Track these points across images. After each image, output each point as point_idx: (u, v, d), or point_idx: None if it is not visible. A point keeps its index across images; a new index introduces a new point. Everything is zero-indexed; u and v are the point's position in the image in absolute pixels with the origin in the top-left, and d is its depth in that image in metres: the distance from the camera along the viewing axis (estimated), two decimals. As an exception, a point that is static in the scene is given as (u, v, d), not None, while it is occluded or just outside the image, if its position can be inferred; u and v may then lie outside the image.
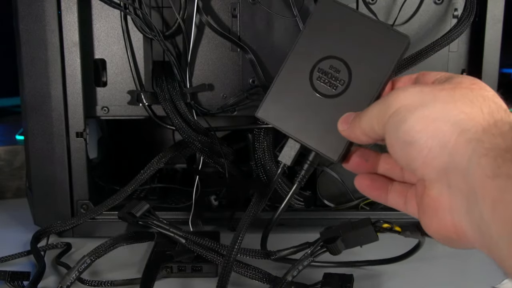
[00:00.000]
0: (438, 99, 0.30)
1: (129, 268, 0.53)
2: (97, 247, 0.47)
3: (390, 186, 0.39)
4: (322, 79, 0.39)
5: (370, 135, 0.34)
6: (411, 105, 0.30)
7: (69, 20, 0.55)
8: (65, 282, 0.44)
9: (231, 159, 0.60)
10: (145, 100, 0.58)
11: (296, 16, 0.54)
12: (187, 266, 0.50)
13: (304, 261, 0.45)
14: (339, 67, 0.39)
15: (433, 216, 0.31)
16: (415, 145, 0.30)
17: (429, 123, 0.29)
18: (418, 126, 0.30)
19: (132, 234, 0.51)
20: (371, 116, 0.34)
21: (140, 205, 0.50)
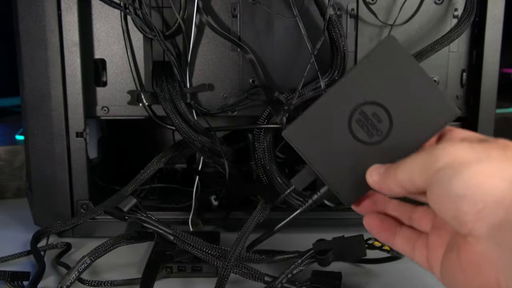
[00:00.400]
0: (492, 157, 0.30)
1: (129, 268, 0.53)
2: (97, 247, 0.47)
3: (398, 229, 0.39)
4: (361, 122, 0.38)
5: (406, 187, 0.34)
6: (465, 160, 0.30)
7: (69, 20, 0.55)
8: (65, 282, 0.44)
9: (231, 159, 0.60)
10: (145, 100, 0.58)
11: (296, 16, 0.54)
12: (187, 266, 0.50)
13: (294, 270, 0.45)
14: (382, 117, 0.38)
15: (475, 273, 0.31)
16: (468, 199, 0.29)
17: (486, 178, 0.29)
18: (474, 180, 0.29)
19: (133, 234, 0.51)
20: (412, 168, 0.33)
21: (127, 200, 0.48)
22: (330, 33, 0.53)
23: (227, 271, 0.44)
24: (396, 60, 0.38)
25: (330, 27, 0.53)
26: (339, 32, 0.53)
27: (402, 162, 0.34)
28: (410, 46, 0.58)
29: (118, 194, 0.48)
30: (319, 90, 0.55)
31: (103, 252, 0.47)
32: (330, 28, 0.53)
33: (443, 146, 0.32)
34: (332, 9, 0.52)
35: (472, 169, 0.30)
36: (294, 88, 0.56)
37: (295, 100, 0.56)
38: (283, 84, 0.58)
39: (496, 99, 0.59)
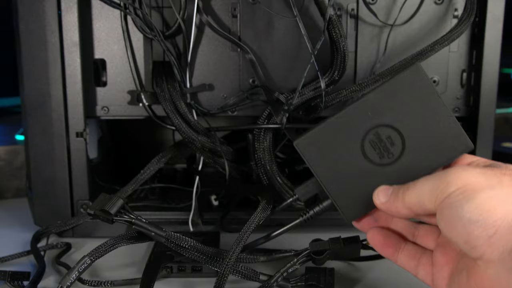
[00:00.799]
0: (503, 183, 0.31)
1: (129, 268, 0.53)
2: (97, 247, 0.47)
3: (403, 245, 0.40)
4: (374, 143, 0.39)
5: (415, 210, 0.34)
6: (477, 185, 0.31)
7: (69, 20, 0.55)
8: (65, 282, 0.44)
9: (231, 159, 0.60)
10: (145, 100, 0.58)
11: (296, 16, 0.54)
12: (187, 266, 0.50)
13: (289, 268, 0.46)
14: (395, 141, 0.38)
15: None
16: (481, 224, 0.30)
17: (498, 204, 0.30)
18: (486, 206, 0.30)
19: (133, 234, 0.50)
20: (422, 192, 0.34)
21: (113, 200, 0.44)
22: (330, 33, 0.53)
23: (226, 271, 0.44)
24: (419, 88, 0.38)
25: (330, 27, 0.53)
26: (339, 32, 0.53)
27: (411, 185, 0.35)
28: (410, 46, 0.58)
29: (103, 195, 0.45)
30: (319, 90, 0.55)
31: (103, 252, 0.47)
32: (330, 28, 0.53)
33: (454, 171, 0.32)
34: (332, 9, 0.52)
35: (484, 194, 0.30)
36: (294, 88, 0.56)
37: (295, 100, 0.56)
38: (283, 84, 0.59)
39: (496, 99, 0.59)
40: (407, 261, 0.39)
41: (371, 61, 0.59)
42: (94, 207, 0.45)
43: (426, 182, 0.34)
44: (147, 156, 0.60)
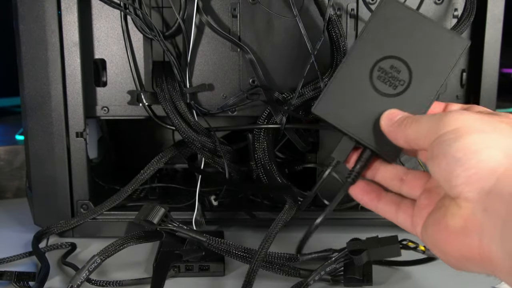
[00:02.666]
0: (497, 130, 0.31)
1: (135, 268, 0.53)
2: (107, 246, 0.47)
3: (383, 194, 0.41)
4: (382, 78, 0.40)
5: (411, 144, 0.36)
6: (471, 128, 0.31)
7: (69, 20, 0.55)
8: (75, 281, 0.44)
9: (231, 159, 0.60)
10: (145, 100, 0.58)
11: (296, 16, 0.54)
12: (195, 265, 0.50)
13: (327, 267, 0.46)
14: (399, 68, 0.40)
15: (458, 237, 0.32)
16: (464, 163, 0.31)
17: (484, 148, 0.30)
18: (473, 147, 0.31)
19: (141, 233, 0.50)
20: (420, 129, 0.35)
21: (155, 210, 0.48)
22: (330, 33, 0.53)
23: (255, 266, 0.45)
24: (397, 15, 0.40)
25: (330, 27, 0.53)
26: (339, 32, 0.53)
27: (414, 120, 0.36)
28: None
29: (146, 205, 0.49)
30: (319, 90, 0.55)
31: (113, 251, 0.47)
32: (330, 28, 0.53)
33: (453, 114, 0.33)
34: (332, 9, 0.52)
35: (474, 137, 0.31)
36: (294, 88, 0.56)
37: (295, 100, 0.56)
38: (283, 84, 0.59)
39: (496, 99, 0.59)
40: (387, 207, 0.40)
41: (371, 61, 0.59)
42: (139, 218, 0.48)
43: (427, 122, 0.34)
44: (147, 156, 0.60)
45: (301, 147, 0.59)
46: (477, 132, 0.31)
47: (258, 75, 0.58)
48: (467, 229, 0.31)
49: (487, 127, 0.32)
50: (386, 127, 0.38)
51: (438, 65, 0.39)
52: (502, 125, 0.32)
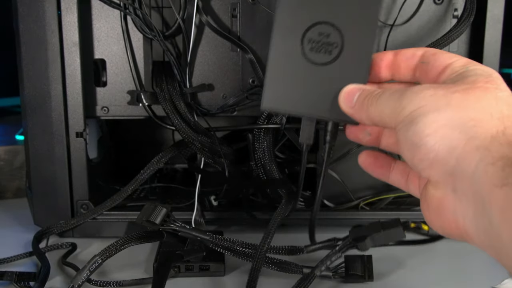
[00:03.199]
0: (450, 104, 0.31)
1: (135, 268, 0.53)
2: (108, 246, 0.47)
3: (393, 164, 0.40)
4: (315, 48, 0.38)
5: (378, 124, 0.35)
6: (424, 109, 0.31)
7: (69, 20, 0.55)
8: (76, 281, 0.44)
9: (231, 159, 0.60)
10: (145, 100, 0.58)
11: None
12: (195, 265, 0.50)
13: (333, 257, 0.46)
14: (327, 31, 0.38)
15: (436, 215, 0.32)
16: (422, 148, 0.31)
17: (438, 128, 0.30)
18: (427, 130, 0.30)
19: (143, 233, 0.50)
20: (382, 111, 0.34)
21: (157, 210, 0.47)
22: (330, 33, 0.53)
23: (258, 264, 0.45)
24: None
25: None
26: (339, 32, 0.53)
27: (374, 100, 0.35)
28: (410, 46, 0.57)
29: (147, 205, 0.48)
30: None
31: (114, 251, 0.47)
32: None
33: (409, 93, 0.32)
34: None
35: (428, 118, 0.31)
36: (294, 88, 0.56)
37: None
38: (283, 84, 0.58)
39: (496, 99, 0.59)
40: (398, 178, 0.39)
41: (371, 61, 0.59)
42: (140, 219, 0.47)
43: (386, 103, 0.34)
44: (147, 156, 0.60)
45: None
46: (430, 113, 0.31)
47: (258, 75, 0.58)
48: (442, 209, 0.32)
49: (441, 103, 0.31)
50: (347, 109, 0.37)
51: (365, 14, 0.38)
52: (456, 95, 0.31)
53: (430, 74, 0.36)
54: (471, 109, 0.30)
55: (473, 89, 0.31)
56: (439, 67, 0.36)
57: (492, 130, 0.29)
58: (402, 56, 0.38)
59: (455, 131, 0.30)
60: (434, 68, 0.36)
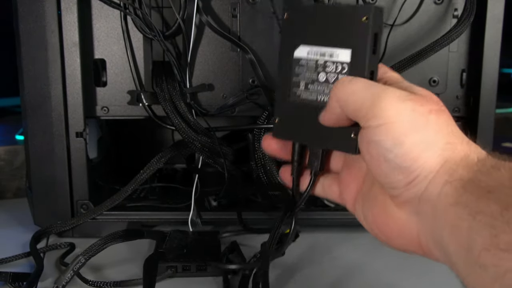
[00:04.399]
0: (428, 125, 0.31)
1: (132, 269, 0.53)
2: (90, 246, 0.47)
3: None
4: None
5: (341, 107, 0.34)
6: (406, 126, 0.31)
7: (69, 20, 0.55)
8: (60, 281, 0.44)
9: (231, 159, 0.60)
10: (145, 100, 0.58)
11: (296, 16, 0.54)
12: (192, 265, 0.50)
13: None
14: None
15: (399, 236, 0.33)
16: (405, 170, 0.31)
17: (421, 152, 0.31)
18: (412, 153, 0.31)
19: (123, 232, 0.51)
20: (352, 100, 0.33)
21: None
22: (330, 33, 0.53)
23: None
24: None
25: (330, 27, 0.53)
26: (339, 32, 0.53)
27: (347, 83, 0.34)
28: (410, 46, 0.58)
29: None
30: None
31: (96, 250, 0.47)
32: (330, 28, 0.53)
33: (388, 101, 0.31)
34: (332, 9, 0.52)
35: (411, 139, 0.31)
36: (294, 88, 0.56)
37: (295, 100, 0.56)
38: (283, 84, 0.58)
39: (496, 99, 0.59)
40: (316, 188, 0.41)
41: (371, 61, 0.59)
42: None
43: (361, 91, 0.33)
44: (147, 156, 0.60)
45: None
46: (412, 133, 0.31)
47: (258, 75, 0.58)
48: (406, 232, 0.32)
49: (420, 123, 0.31)
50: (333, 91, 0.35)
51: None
52: (431, 117, 0.31)
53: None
54: (445, 132, 0.31)
55: (442, 111, 0.32)
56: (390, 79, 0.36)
57: (461, 154, 0.30)
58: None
59: (435, 154, 0.31)
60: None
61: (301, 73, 0.40)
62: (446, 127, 0.31)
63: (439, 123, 0.31)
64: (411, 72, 0.56)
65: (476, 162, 0.30)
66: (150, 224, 0.62)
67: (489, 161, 0.30)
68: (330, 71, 0.39)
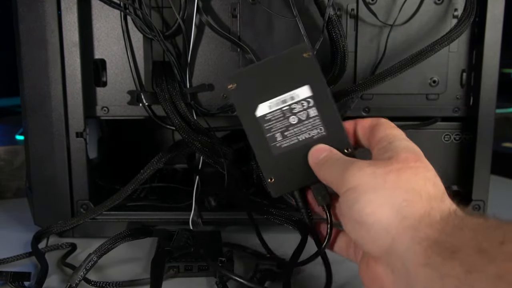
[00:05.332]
0: (386, 184, 0.33)
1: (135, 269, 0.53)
2: (102, 244, 0.48)
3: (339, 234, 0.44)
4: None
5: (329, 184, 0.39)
6: (364, 187, 0.34)
7: (69, 20, 0.55)
8: (73, 280, 0.44)
9: (231, 159, 0.60)
10: (145, 100, 0.58)
11: (296, 16, 0.54)
12: (194, 265, 0.50)
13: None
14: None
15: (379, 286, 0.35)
16: (363, 225, 0.33)
17: (376, 207, 0.33)
18: (367, 209, 0.33)
19: (133, 231, 0.51)
20: (331, 177, 0.38)
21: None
22: (330, 33, 0.53)
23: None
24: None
25: (330, 27, 0.53)
26: (339, 32, 0.53)
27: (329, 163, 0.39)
28: (410, 46, 0.58)
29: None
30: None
31: (108, 249, 0.47)
32: (330, 28, 0.53)
33: (352, 170, 0.35)
34: (332, 9, 0.52)
35: (367, 197, 0.33)
36: (294, 88, 0.56)
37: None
38: (283, 84, 0.58)
39: (496, 99, 0.59)
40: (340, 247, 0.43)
41: (371, 61, 0.59)
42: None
43: (335, 169, 0.37)
44: (147, 156, 0.60)
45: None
46: (369, 192, 0.33)
47: (258, 75, 0.57)
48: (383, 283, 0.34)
49: (378, 182, 0.33)
50: (312, 163, 0.41)
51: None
52: (391, 176, 0.33)
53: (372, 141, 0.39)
54: (403, 190, 0.33)
55: (405, 169, 0.34)
56: (375, 138, 0.39)
57: (421, 211, 0.32)
58: (359, 124, 0.42)
59: (391, 210, 0.32)
60: (375, 136, 0.39)
61: (272, 127, 0.42)
62: (406, 184, 0.33)
63: (398, 182, 0.33)
64: (411, 72, 0.56)
65: (439, 220, 0.31)
66: (150, 224, 0.62)
67: (451, 220, 0.31)
68: (298, 111, 0.41)
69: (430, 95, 0.59)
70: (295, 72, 0.41)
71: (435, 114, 0.60)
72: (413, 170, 0.34)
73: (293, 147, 0.42)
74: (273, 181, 0.43)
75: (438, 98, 0.60)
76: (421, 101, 0.60)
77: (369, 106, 0.59)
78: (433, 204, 0.32)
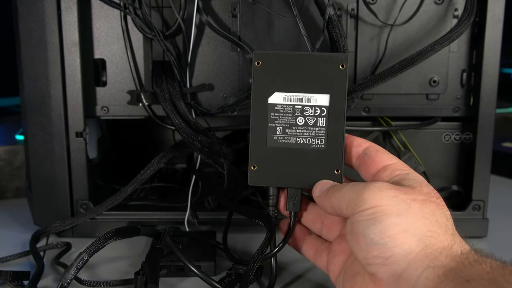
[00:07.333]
0: (410, 211, 0.33)
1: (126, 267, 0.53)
2: (92, 243, 0.47)
3: (307, 237, 0.44)
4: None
5: (337, 211, 0.38)
6: (387, 209, 0.34)
7: (69, 20, 0.55)
8: (65, 279, 0.44)
9: (231, 159, 0.60)
10: (145, 100, 0.58)
11: (296, 16, 0.54)
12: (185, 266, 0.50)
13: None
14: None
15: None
16: (381, 246, 0.33)
17: (400, 232, 0.33)
18: (389, 232, 0.33)
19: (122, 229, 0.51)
20: (343, 199, 0.37)
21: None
22: (330, 33, 0.53)
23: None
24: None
25: (330, 27, 0.53)
26: (339, 32, 0.53)
27: (337, 188, 0.38)
28: (410, 46, 0.58)
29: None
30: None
31: (98, 247, 0.47)
32: (330, 28, 0.53)
33: (371, 190, 0.35)
34: (332, 9, 0.52)
35: (391, 220, 0.33)
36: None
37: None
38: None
39: (496, 99, 0.59)
40: (308, 251, 0.44)
41: (371, 61, 0.59)
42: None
43: (348, 192, 0.37)
44: (147, 156, 0.60)
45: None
46: (393, 215, 0.33)
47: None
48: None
49: (402, 208, 0.33)
50: (316, 198, 0.41)
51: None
52: (415, 204, 0.34)
53: (370, 168, 0.40)
54: (429, 220, 0.33)
55: (429, 202, 0.34)
56: (379, 164, 0.39)
57: (444, 243, 0.32)
58: (350, 143, 0.42)
59: (414, 238, 0.32)
60: (374, 163, 0.39)
61: (277, 119, 0.42)
62: (431, 216, 0.34)
63: (422, 212, 0.34)
64: (411, 72, 0.57)
65: (460, 254, 0.31)
66: (150, 224, 0.62)
67: (472, 256, 0.31)
68: (308, 115, 0.41)
69: (430, 95, 0.59)
70: (324, 77, 0.41)
71: (435, 114, 0.60)
72: (436, 205, 0.35)
73: (288, 147, 0.42)
74: (255, 169, 0.43)
75: (438, 98, 0.60)
76: (421, 101, 0.60)
77: (369, 106, 0.59)
78: (456, 239, 0.33)
